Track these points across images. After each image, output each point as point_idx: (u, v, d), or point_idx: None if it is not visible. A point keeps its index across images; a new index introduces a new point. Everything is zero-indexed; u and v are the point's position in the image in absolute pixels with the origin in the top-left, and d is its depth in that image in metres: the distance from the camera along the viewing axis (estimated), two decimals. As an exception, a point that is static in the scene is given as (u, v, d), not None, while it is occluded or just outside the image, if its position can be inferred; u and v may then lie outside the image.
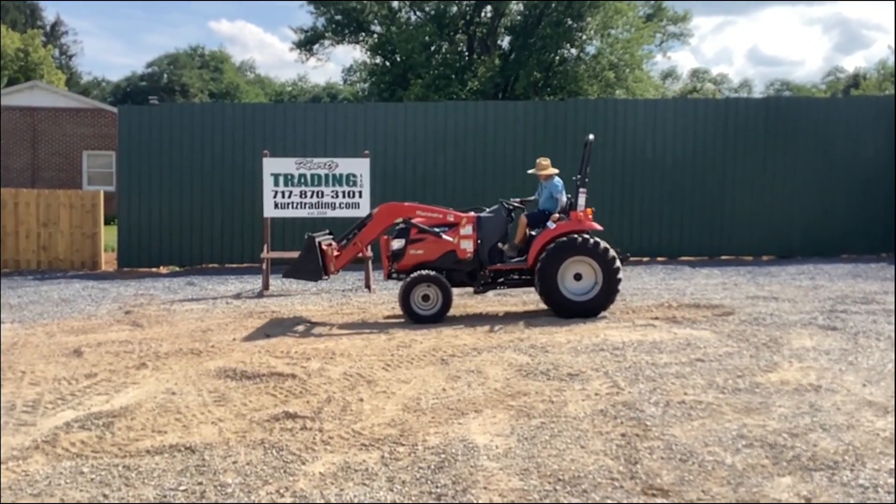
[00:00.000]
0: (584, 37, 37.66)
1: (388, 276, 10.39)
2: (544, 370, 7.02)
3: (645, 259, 17.10)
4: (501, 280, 10.50)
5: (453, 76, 36.88)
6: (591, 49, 38.41)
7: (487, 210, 10.75)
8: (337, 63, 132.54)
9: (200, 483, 4.42)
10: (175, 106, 29.12)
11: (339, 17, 40.74)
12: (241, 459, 4.82)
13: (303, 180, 13.70)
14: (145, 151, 16.78)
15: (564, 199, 10.67)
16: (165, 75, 65.61)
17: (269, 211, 13.61)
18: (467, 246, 10.22)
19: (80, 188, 28.40)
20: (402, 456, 4.88)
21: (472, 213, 10.51)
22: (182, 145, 16.85)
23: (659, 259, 17.04)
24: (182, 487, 4.36)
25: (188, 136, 16.90)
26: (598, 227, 10.33)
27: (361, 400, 6.19)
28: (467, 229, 10.25)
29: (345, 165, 13.80)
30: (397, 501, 4.16)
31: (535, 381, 6.72)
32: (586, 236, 10.04)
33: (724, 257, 17.22)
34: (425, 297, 9.81)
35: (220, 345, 8.42)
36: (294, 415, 5.73)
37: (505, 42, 40.20)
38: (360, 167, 13.74)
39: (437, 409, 5.90)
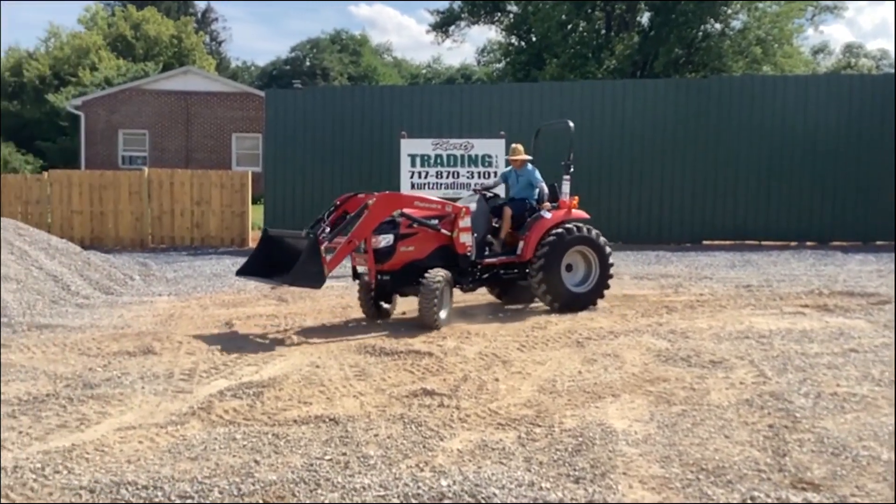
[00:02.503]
0: (730, 11, 36.14)
1: (375, 279, 8.59)
2: (685, 356, 6.83)
3: (793, 244, 16.34)
4: (486, 276, 9.40)
5: (590, 55, 36.27)
6: (736, 24, 36.85)
7: (463, 200, 9.85)
8: (472, 44, 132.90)
9: (344, 454, 4.57)
10: (317, 89, 30.11)
11: (475, -2, 40.86)
12: (382, 433, 4.94)
13: (439, 161, 13.90)
14: (290, 133, 17.44)
15: (545, 186, 9.91)
16: (307, 59, 67.71)
17: (406, 190, 13.89)
18: (466, 239, 8.98)
19: (230, 169, 29.79)
20: (539, 437, 4.87)
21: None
22: (324, 127, 17.40)
23: (808, 244, 16.24)
24: (327, 457, 4.51)
25: (329, 118, 17.42)
26: (586, 216, 9.81)
27: (497, 379, 6.22)
28: (466, 221, 9.00)
29: (480, 146, 13.89)
30: (535, 482, 4.16)
31: (674, 367, 6.55)
32: (581, 225, 9.53)
33: (879, 242, 16.19)
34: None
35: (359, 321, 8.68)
36: (432, 392, 5.82)
37: (644, 18, 39.09)
38: (495, 148, 13.80)
39: (574, 392, 5.86)
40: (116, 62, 42.30)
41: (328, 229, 8.44)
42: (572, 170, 9.91)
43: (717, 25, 36.93)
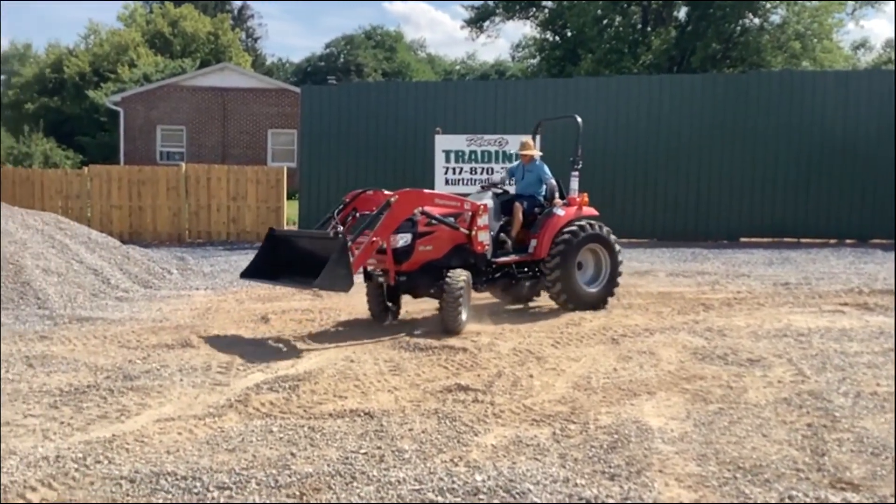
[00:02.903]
0: (768, 5, 35.65)
1: (395, 281, 8.20)
2: (721, 354, 6.77)
3: (832, 241, 16.09)
4: (499, 275, 8.97)
5: (626, 50, 36.03)
6: (775, 18, 36.34)
7: (472, 196, 9.26)
8: (506, 39, 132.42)
9: (379, 447, 4.60)
10: (352, 85, 30.23)
11: (510, -7, 40.74)
12: (417, 427, 4.96)
13: (473, 157, 13.89)
14: (325, 129, 17.55)
15: (555, 182, 9.51)
16: (342, 56, 67.96)
17: (441, 186, 13.90)
18: (485, 238, 8.58)
19: (265, 164, 30.01)
20: (574, 433, 4.86)
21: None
22: (359, 123, 17.49)
23: (847, 242, 15.97)
24: (363, 450, 4.55)
25: (364, 114, 17.51)
26: (596, 212, 9.45)
27: (531, 376, 6.21)
28: (484, 219, 8.58)
29: (515, 142, 13.81)
30: (570, 478, 4.15)
31: (711, 365, 6.49)
32: (592, 222, 9.20)
33: (922, 240, 15.89)
34: None
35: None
36: (466, 387, 5.83)
37: (682, 13, 38.70)
38: (530, 144, 13.72)
39: (609, 389, 5.83)
40: (154, 59, 42.83)
41: (340, 227, 7.95)
42: (580, 165, 9.66)
43: (756, 20, 36.47)
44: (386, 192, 8.28)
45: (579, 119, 9.87)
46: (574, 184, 9.59)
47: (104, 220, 17.39)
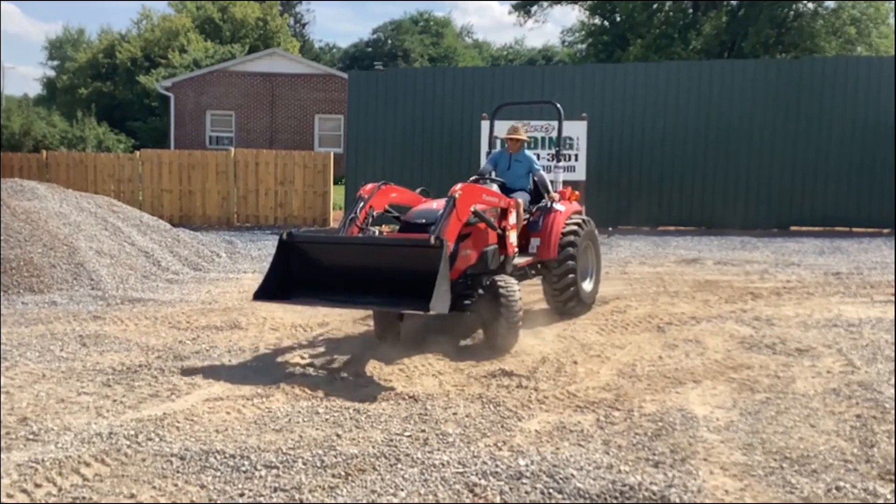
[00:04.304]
0: (823, -12, 34.83)
1: None
2: (769, 344, 6.68)
3: (885, 231, 15.72)
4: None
5: (676, 35, 35.50)
6: (829, 2, 35.44)
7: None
8: (554, 24, 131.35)
9: (423, 430, 4.64)
10: (399, 71, 30.26)
11: (558, -23, 40.36)
12: (461, 411, 5.00)
13: (519, 143, 13.78)
14: (371, 114, 17.61)
15: (545, 175, 8.46)
16: (389, 41, 68.04)
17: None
18: (515, 239, 7.35)
19: (312, 150, 30.20)
20: (618, 421, 4.85)
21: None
22: (405, 108, 17.52)
23: (901, 231, 15.59)
24: (407, 433, 4.60)
25: (411, 100, 17.53)
26: (581, 208, 8.72)
27: (576, 362, 6.20)
28: (514, 217, 7.34)
29: (563, 128, 13.71)
30: (613, 465, 4.15)
31: (759, 354, 6.41)
32: (585, 218, 8.40)
33: (980, 231, 15.45)
34: None
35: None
36: (510, 373, 5.85)
37: (733, -3, 38.00)
38: (577, 130, 13.67)
39: (654, 377, 5.80)
40: (204, 44, 43.35)
41: (377, 231, 6.91)
42: (562, 157, 9.16)
43: (810, 4, 35.68)
44: (395, 187, 7.19)
45: (559, 105, 9.19)
46: (560, 176, 9.10)
47: (155, 203, 17.71)
